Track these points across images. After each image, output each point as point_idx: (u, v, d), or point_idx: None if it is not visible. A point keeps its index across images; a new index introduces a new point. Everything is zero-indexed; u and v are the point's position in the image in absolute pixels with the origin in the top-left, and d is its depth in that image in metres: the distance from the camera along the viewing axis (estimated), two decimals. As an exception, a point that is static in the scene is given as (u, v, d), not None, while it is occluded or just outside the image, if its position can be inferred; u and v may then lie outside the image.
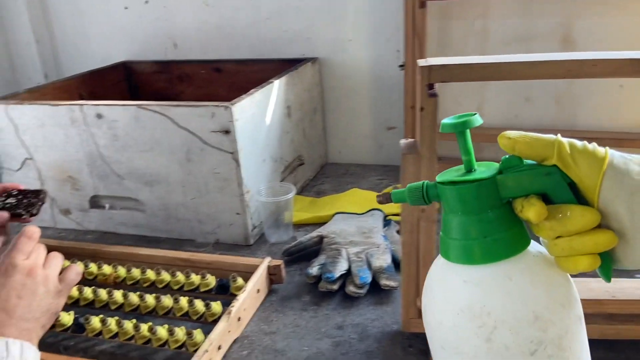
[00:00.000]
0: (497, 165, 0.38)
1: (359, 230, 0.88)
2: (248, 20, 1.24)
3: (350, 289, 0.75)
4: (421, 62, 0.56)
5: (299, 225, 0.98)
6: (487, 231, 0.37)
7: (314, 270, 0.78)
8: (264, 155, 0.97)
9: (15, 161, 1.01)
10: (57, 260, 0.67)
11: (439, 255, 0.41)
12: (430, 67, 0.55)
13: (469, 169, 0.39)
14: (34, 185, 1.01)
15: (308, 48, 1.22)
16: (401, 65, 1.11)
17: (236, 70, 1.27)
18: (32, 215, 0.77)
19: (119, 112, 0.90)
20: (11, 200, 0.78)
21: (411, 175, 0.58)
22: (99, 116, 0.92)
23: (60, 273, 0.67)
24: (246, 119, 0.89)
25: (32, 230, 0.67)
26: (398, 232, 0.91)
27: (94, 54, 1.39)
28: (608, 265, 0.37)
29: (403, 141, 0.60)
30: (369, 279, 0.75)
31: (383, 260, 0.78)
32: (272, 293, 0.79)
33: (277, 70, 1.21)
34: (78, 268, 0.68)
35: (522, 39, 1.09)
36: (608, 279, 0.37)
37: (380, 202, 0.43)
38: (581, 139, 0.37)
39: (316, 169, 1.24)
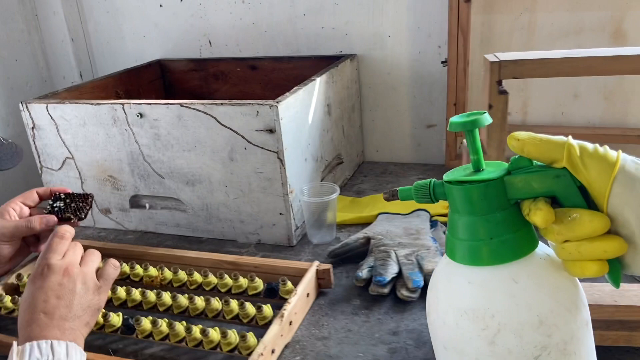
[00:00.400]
0: (506, 165, 0.38)
1: (406, 231, 0.86)
2: (284, 17, 1.22)
3: (403, 292, 0.73)
4: (490, 58, 0.54)
5: (341, 226, 0.96)
6: (494, 232, 0.36)
7: (363, 273, 0.76)
8: (305, 155, 0.95)
9: (56, 160, 1.01)
10: (94, 256, 0.67)
11: (444, 255, 0.40)
12: (501, 63, 0.53)
13: (477, 169, 0.38)
14: (75, 186, 1.01)
15: (346, 44, 1.20)
16: (444, 62, 1.08)
17: (272, 67, 1.25)
18: (81, 219, 0.77)
19: (162, 111, 0.89)
20: (59, 204, 0.77)
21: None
22: (141, 115, 0.91)
23: (98, 270, 0.66)
24: (290, 117, 0.87)
25: (65, 229, 0.67)
26: (444, 232, 0.89)
27: (128, 52, 1.38)
28: (617, 271, 0.35)
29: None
30: (422, 283, 0.73)
31: (435, 263, 0.76)
32: (320, 296, 0.77)
33: (314, 68, 1.19)
34: (115, 262, 0.68)
35: (571, 32, 1.05)
36: (617, 285, 0.36)
37: (386, 199, 0.43)
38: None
39: (354, 168, 1.21)
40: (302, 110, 0.92)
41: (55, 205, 0.78)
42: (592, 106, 1.10)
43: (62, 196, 0.80)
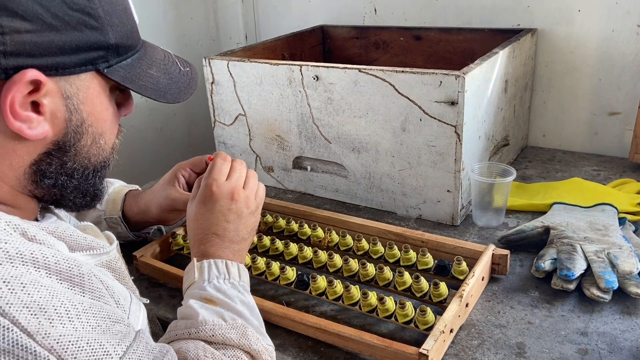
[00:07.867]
0: None
1: (591, 225, 0.78)
2: (458, -14, 1.16)
3: (594, 292, 0.66)
4: None
5: (508, 211, 0.90)
6: None
7: (546, 264, 0.71)
8: (480, 132, 0.90)
9: (229, 116, 1.06)
10: (254, 180, 0.68)
11: None
12: None
13: None
14: (243, 142, 1.05)
15: (525, 18, 1.10)
16: (646, 42, 0.95)
17: (438, 39, 1.20)
18: None
19: (338, 75, 0.89)
20: None
21: None
22: (317, 78, 0.91)
23: None
24: (473, 90, 0.82)
25: (224, 154, 0.68)
26: (635, 232, 0.80)
27: (292, 16, 1.40)
28: None
29: None
30: (616, 284, 0.66)
31: (632, 264, 0.68)
32: (493, 282, 0.73)
33: (485, 41, 1.12)
34: (263, 186, 0.69)
35: None
36: None
37: None
38: None
39: (517, 152, 1.14)
40: (483, 84, 0.87)
41: None
42: None
43: None
